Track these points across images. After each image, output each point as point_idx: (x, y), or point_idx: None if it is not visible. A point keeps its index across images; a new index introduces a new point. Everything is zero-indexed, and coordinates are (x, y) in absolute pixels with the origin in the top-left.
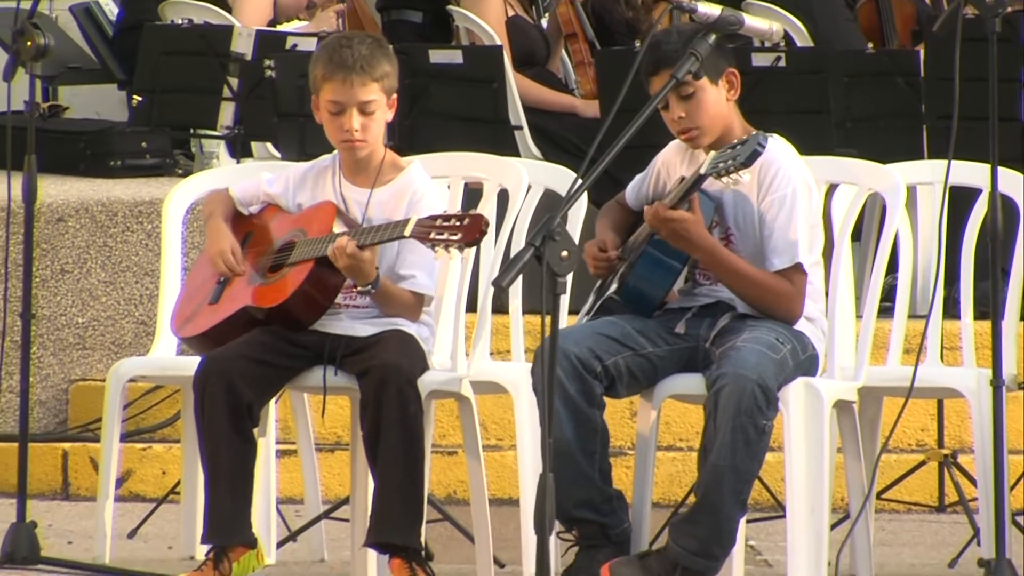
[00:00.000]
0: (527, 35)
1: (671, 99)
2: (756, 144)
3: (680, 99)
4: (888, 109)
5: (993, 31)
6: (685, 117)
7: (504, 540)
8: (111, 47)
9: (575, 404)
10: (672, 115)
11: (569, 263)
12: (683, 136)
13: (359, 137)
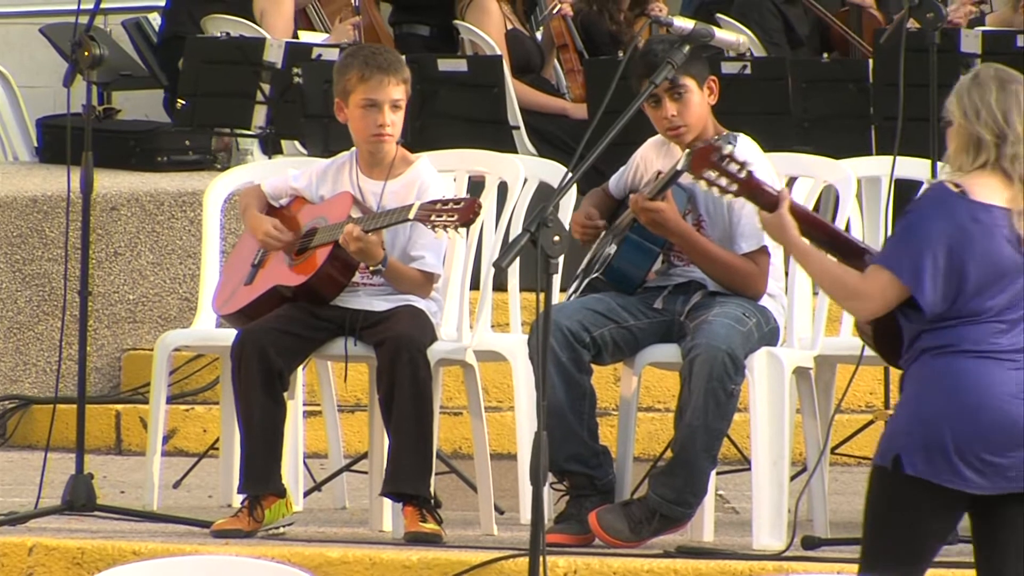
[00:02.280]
0: (524, 46)
1: (665, 99)
2: (727, 143)
3: (673, 99)
4: (841, 111)
5: (933, 42)
6: (677, 115)
7: (503, 490)
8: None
9: (566, 370)
10: (665, 113)
11: (561, 246)
12: (671, 132)
13: (389, 132)
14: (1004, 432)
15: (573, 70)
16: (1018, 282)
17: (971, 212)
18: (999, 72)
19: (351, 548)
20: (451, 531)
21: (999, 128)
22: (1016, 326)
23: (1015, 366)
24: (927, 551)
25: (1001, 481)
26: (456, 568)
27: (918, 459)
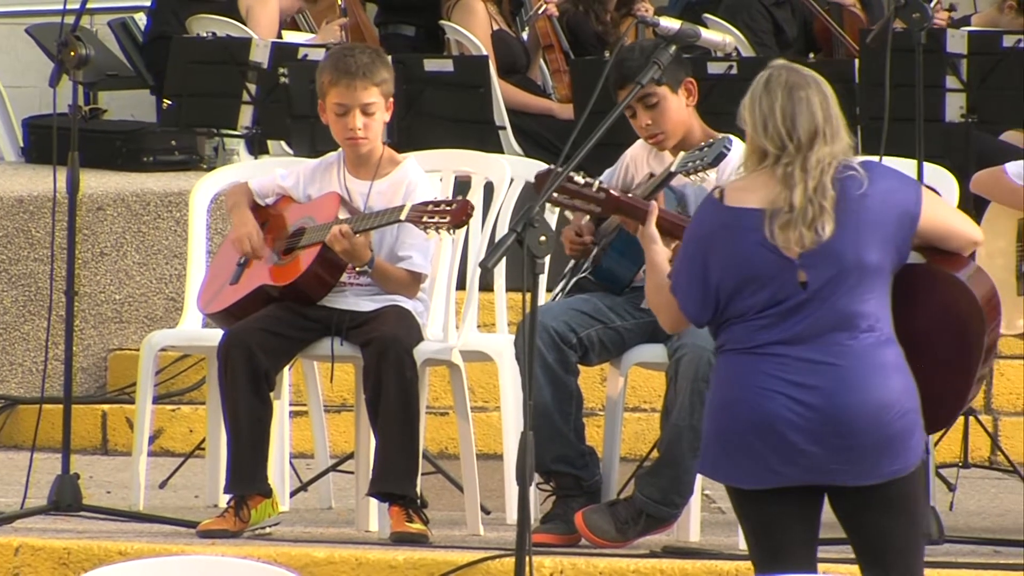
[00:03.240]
0: (510, 46)
1: (638, 109)
2: (722, 147)
3: (646, 108)
4: None
5: (919, 43)
6: (652, 124)
7: (490, 490)
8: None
9: (553, 371)
10: (640, 123)
11: (547, 247)
12: (651, 140)
13: (361, 135)
14: (763, 427)
15: (559, 70)
16: (779, 281)
17: (720, 218)
18: (791, 76)
19: (337, 548)
20: (437, 531)
21: (782, 141)
22: (782, 321)
23: (776, 360)
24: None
25: (772, 476)
26: (442, 568)
27: (704, 460)
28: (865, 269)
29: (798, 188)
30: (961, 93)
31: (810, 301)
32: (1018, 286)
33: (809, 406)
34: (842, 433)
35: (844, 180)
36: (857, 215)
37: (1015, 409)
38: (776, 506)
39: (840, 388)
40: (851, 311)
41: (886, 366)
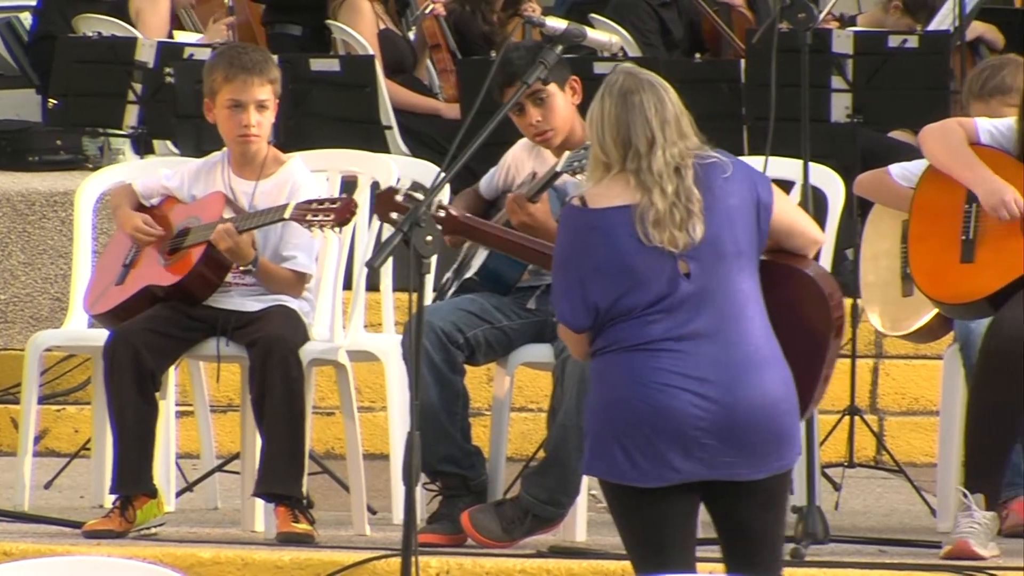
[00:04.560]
0: (397, 46)
1: (527, 105)
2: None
3: (535, 104)
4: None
5: (805, 43)
6: (542, 120)
7: (376, 491)
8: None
9: (439, 371)
10: (529, 120)
11: (433, 246)
12: (539, 138)
13: (254, 132)
14: (662, 424)
15: (446, 70)
16: (658, 273)
17: (589, 221)
18: (625, 81)
19: (223, 549)
20: (323, 531)
21: (621, 147)
22: (671, 315)
23: (673, 355)
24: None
25: (670, 473)
26: (328, 568)
27: (592, 459)
28: (742, 255)
29: (655, 191)
30: (847, 93)
31: (696, 292)
32: (903, 287)
33: (709, 400)
34: (738, 429)
35: (707, 168)
36: (726, 201)
37: (900, 409)
38: (665, 504)
39: (737, 381)
40: (736, 300)
41: (774, 359)
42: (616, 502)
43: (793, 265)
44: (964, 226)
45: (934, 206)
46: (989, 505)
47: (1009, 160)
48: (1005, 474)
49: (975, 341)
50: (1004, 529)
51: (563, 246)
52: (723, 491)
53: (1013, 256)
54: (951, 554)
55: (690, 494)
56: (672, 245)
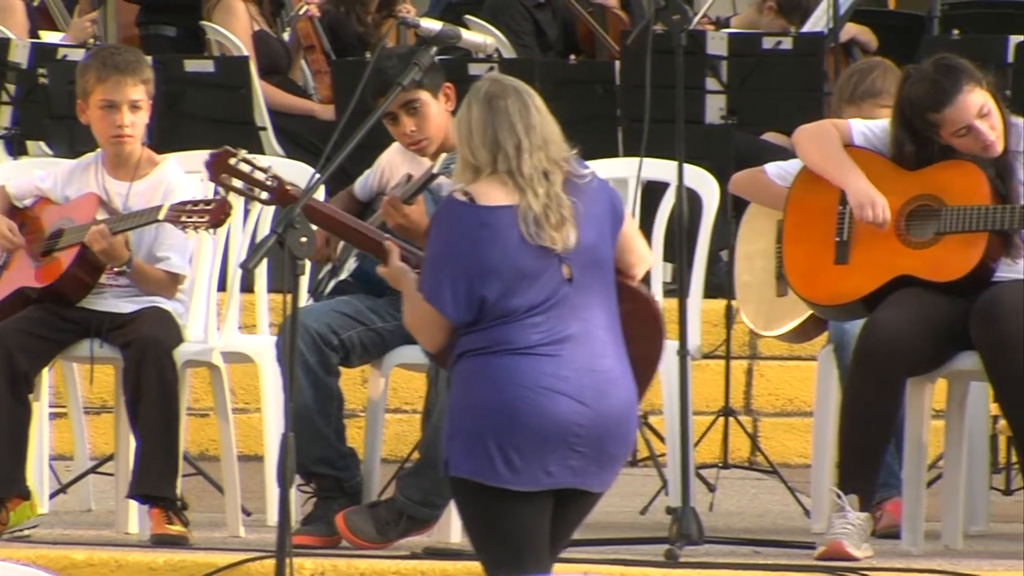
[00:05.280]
0: (271, 47)
1: (401, 115)
2: None
3: (409, 114)
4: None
5: (680, 44)
6: (416, 130)
7: (251, 492)
8: None
9: (314, 373)
10: (403, 129)
11: (307, 248)
12: (413, 147)
13: (128, 132)
14: (542, 428)
15: (320, 71)
16: (543, 275)
17: (479, 217)
18: (491, 87)
19: (97, 550)
20: (198, 533)
21: (489, 152)
22: (551, 319)
23: (551, 359)
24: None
25: (547, 478)
26: (203, 570)
27: (464, 461)
28: (608, 263)
29: (528, 193)
30: (721, 95)
31: (575, 297)
32: (777, 287)
33: (587, 408)
34: (607, 437)
35: (574, 176)
36: (593, 210)
37: (774, 410)
38: (531, 507)
39: (606, 391)
40: (606, 306)
41: (626, 368)
42: (479, 503)
43: (630, 283)
44: (838, 227)
45: (809, 207)
46: (863, 506)
47: (883, 161)
48: (879, 475)
49: (849, 342)
50: (878, 530)
51: (448, 240)
52: (566, 497)
53: (886, 257)
54: (825, 555)
55: (550, 499)
56: (553, 244)
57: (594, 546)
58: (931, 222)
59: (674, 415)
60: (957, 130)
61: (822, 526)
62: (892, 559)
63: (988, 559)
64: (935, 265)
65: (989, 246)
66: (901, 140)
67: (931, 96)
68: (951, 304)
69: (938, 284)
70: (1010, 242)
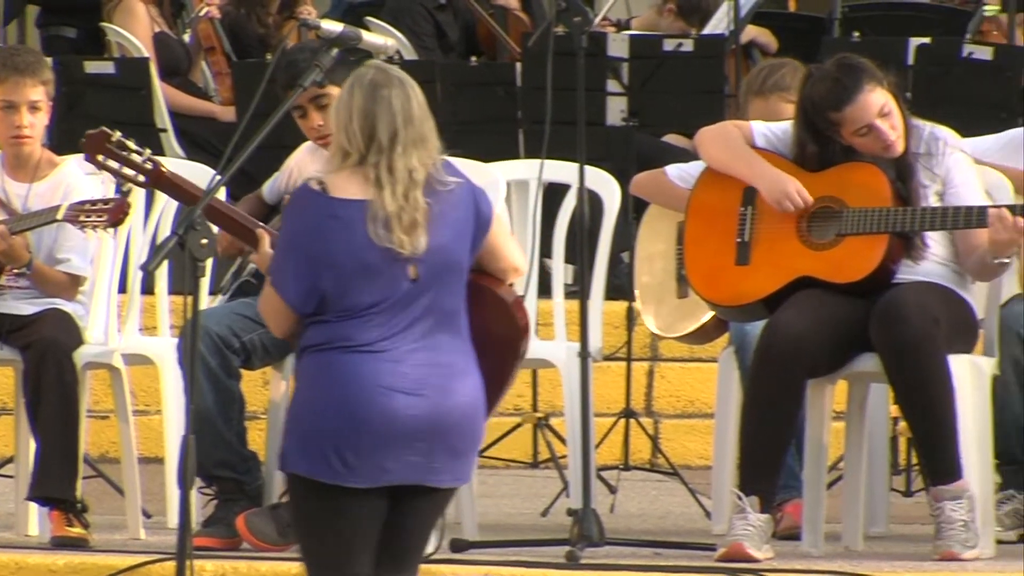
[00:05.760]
0: (172, 48)
1: (309, 110)
2: None
3: (317, 109)
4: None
5: (580, 46)
6: (324, 124)
7: (151, 494)
8: None
9: (215, 375)
10: (311, 123)
11: (208, 249)
12: (321, 142)
13: (27, 133)
14: (378, 425)
15: (221, 73)
16: (386, 274)
17: (329, 209)
18: (376, 76)
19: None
20: (98, 535)
21: (364, 139)
22: (392, 318)
23: (390, 357)
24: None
25: (384, 476)
26: (103, 572)
27: (299, 457)
28: (459, 267)
29: (386, 191)
30: (622, 97)
31: (418, 298)
32: (678, 289)
33: (424, 403)
34: (448, 434)
35: (437, 178)
36: (451, 213)
37: (675, 411)
38: (366, 505)
39: (445, 388)
40: (451, 309)
41: (471, 368)
42: (313, 500)
43: (494, 290)
44: (739, 228)
45: (709, 208)
46: (764, 507)
47: (784, 163)
48: (779, 476)
49: (750, 344)
50: (778, 531)
51: (297, 229)
52: (414, 494)
53: (788, 258)
54: (726, 556)
55: (386, 496)
56: (400, 247)
57: (495, 548)
58: (832, 223)
59: (575, 417)
60: (858, 129)
61: (723, 528)
62: (792, 560)
63: (888, 560)
64: (836, 266)
65: (890, 248)
66: (803, 140)
67: (832, 95)
68: (852, 305)
69: (839, 285)
70: (911, 244)
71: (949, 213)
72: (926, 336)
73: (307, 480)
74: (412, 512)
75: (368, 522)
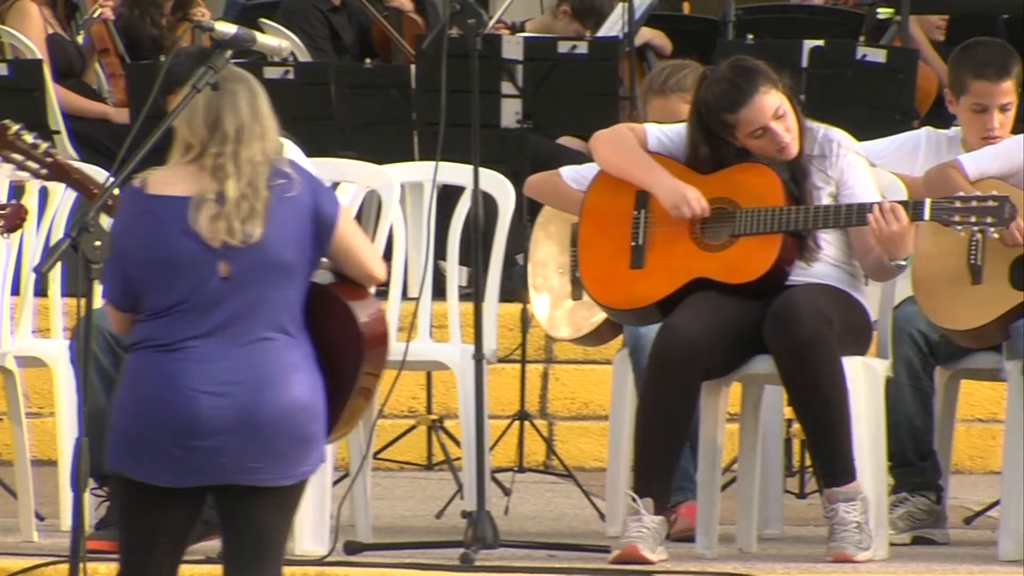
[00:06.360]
0: (65, 50)
1: None
2: None
3: None
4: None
5: (475, 48)
6: None
7: (44, 496)
8: None
9: (108, 375)
10: None
11: (102, 251)
12: None
13: None
14: (185, 424)
15: (115, 74)
16: (198, 271)
17: (144, 205)
18: (223, 73)
19: None
20: None
21: (208, 130)
22: (201, 316)
23: (198, 356)
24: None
25: (192, 475)
26: None
27: (114, 455)
28: (288, 265)
29: (230, 180)
30: (517, 99)
31: (230, 295)
32: (572, 291)
33: (231, 402)
34: (262, 433)
35: (277, 175)
36: (284, 211)
37: (570, 413)
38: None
39: (259, 386)
40: (273, 308)
41: (300, 367)
42: (125, 496)
43: (340, 297)
44: (633, 232)
45: (603, 211)
46: (658, 509)
47: (676, 166)
48: (674, 478)
49: (645, 346)
50: (673, 533)
51: (115, 226)
52: (239, 494)
53: (682, 260)
54: (620, 558)
55: (202, 496)
56: (228, 236)
57: (389, 550)
58: (726, 224)
59: (470, 419)
60: (753, 131)
61: (617, 530)
62: (687, 562)
63: (782, 562)
64: (730, 267)
65: (783, 247)
66: (697, 142)
67: (727, 97)
68: (746, 307)
69: (734, 287)
70: (804, 245)
71: (842, 210)
72: (820, 338)
73: (122, 477)
74: (243, 513)
75: (177, 521)
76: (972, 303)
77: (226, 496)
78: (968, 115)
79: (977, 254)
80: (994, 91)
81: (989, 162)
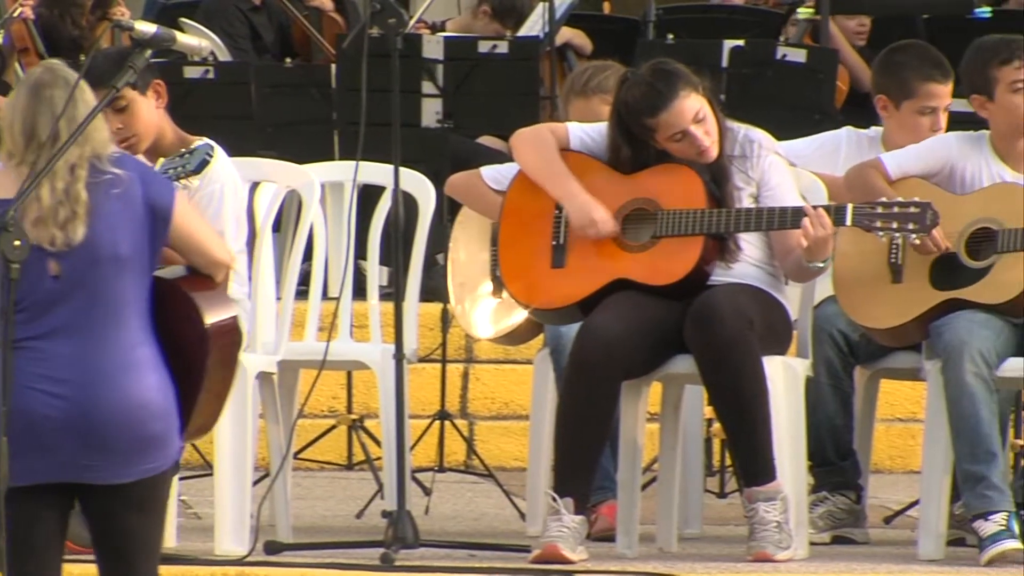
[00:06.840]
0: None
1: (107, 114)
2: (204, 154)
3: (115, 112)
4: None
5: (396, 48)
6: (123, 128)
7: None
8: None
9: None
10: (111, 127)
11: (21, 251)
12: (122, 144)
13: None
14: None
15: None
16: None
17: None
18: (42, 75)
19: None
20: None
21: (24, 138)
22: (37, 315)
23: (34, 355)
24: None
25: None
26: None
27: None
28: (124, 260)
29: (44, 187)
30: (438, 98)
31: (64, 293)
32: (492, 291)
33: (64, 401)
34: (96, 431)
35: (101, 173)
36: (112, 206)
37: (490, 413)
38: (33, 503)
39: (95, 384)
40: (112, 304)
41: (143, 364)
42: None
43: (183, 289)
44: (555, 231)
45: (525, 210)
46: (578, 509)
47: (599, 166)
48: (594, 478)
49: (565, 345)
50: (593, 533)
51: None
52: (94, 494)
53: (603, 261)
54: (540, 558)
55: (60, 496)
56: (49, 244)
57: (309, 550)
58: (647, 226)
59: (390, 419)
60: (672, 135)
61: (537, 529)
62: (607, 562)
63: (702, 561)
64: (651, 268)
65: (705, 250)
66: (617, 144)
67: (647, 101)
68: (667, 307)
69: (654, 287)
70: (725, 247)
71: (764, 214)
72: (740, 338)
73: None
74: (102, 514)
75: (31, 520)
76: (892, 302)
77: (85, 497)
78: (913, 118)
79: (898, 254)
80: (943, 92)
81: (912, 161)
